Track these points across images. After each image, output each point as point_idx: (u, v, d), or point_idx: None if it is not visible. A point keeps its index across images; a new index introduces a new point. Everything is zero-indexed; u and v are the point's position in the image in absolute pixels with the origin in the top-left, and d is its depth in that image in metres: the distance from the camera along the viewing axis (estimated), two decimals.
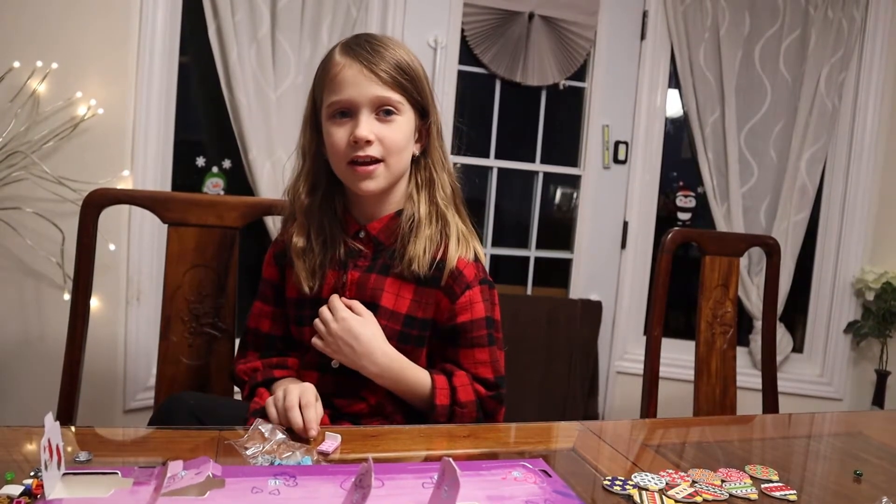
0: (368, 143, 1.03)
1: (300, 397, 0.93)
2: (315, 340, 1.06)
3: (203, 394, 1.15)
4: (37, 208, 1.97)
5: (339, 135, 1.05)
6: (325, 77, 1.06)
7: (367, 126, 1.03)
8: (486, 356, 1.09)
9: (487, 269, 2.70)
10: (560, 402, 2.67)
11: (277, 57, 2.27)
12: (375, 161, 1.05)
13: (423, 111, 1.10)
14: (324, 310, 1.05)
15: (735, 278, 1.69)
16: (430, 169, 1.11)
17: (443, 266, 1.07)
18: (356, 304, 1.06)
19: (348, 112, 1.05)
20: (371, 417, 1.10)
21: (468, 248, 1.10)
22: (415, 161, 1.12)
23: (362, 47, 1.04)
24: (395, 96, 1.05)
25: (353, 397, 1.09)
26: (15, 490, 0.68)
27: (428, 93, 1.10)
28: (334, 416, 1.10)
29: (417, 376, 1.07)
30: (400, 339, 1.08)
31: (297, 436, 0.91)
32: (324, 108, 1.07)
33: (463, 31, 2.56)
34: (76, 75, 2.01)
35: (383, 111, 1.05)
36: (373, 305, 1.08)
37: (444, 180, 1.12)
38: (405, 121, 1.07)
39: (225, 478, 0.74)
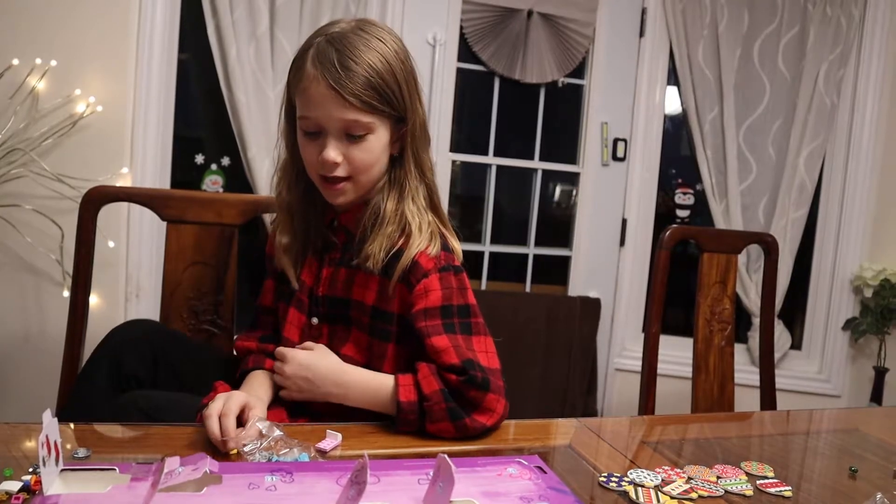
0: (336, 164, 1.03)
1: (224, 405, 0.89)
2: (282, 393, 1.07)
3: (161, 392, 1.13)
4: (36, 205, 1.97)
5: (308, 150, 1.05)
6: (296, 82, 1.04)
7: (334, 150, 1.02)
8: (445, 342, 1.00)
9: (486, 266, 2.70)
10: (559, 399, 2.68)
11: (276, 55, 2.27)
12: (344, 179, 1.05)
13: (400, 118, 1.06)
14: (276, 364, 1.07)
15: (733, 275, 1.69)
16: (405, 169, 1.09)
17: (400, 257, 1.04)
18: (308, 343, 1.08)
19: (317, 129, 1.03)
20: (336, 414, 1.07)
21: (435, 242, 1.06)
22: (391, 159, 1.10)
23: (331, 62, 0.99)
24: (365, 119, 1.01)
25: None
26: (13, 486, 0.69)
27: (406, 98, 1.05)
28: (295, 411, 1.09)
29: (381, 381, 1.02)
30: (371, 332, 1.08)
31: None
32: (297, 114, 1.06)
33: (462, 28, 2.56)
34: (75, 73, 2.01)
35: (353, 131, 1.02)
36: (345, 300, 1.09)
37: (418, 183, 1.10)
38: (376, 139, 1.04)
39: (222, 474, 0.74)
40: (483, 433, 0.98)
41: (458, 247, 1.12)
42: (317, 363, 1.04)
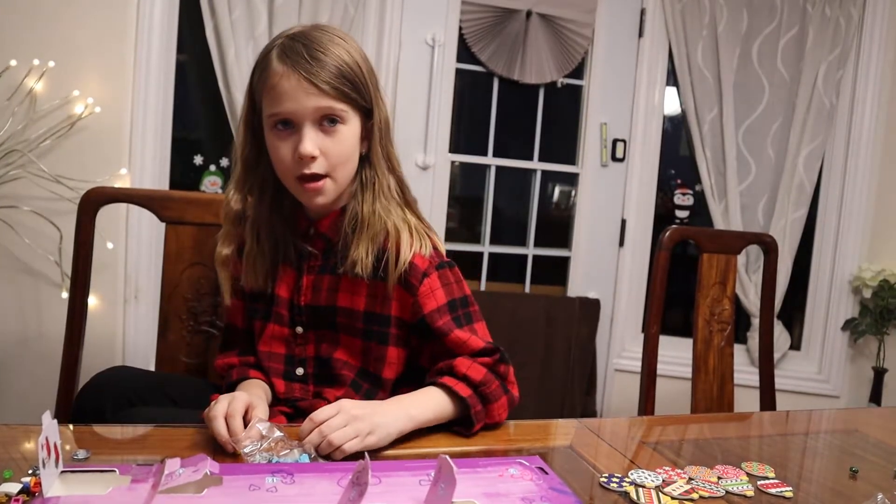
0: (313, 158, 1.01)
1: (229, 405, 0.88)
2: (347, 448, 0.86)
3: (163, 409, 1.12)
4: (34, 207, 1.97)
5: (282, 149, 1.02)
6: (262, 83, 1.03)
7: (311, 141, 1.00)
8: (465, 334, 1.05)
9: (485, 267, 2.70)
10: (558, 400, 2.68)
11: None
12: (322, 177, 1.03)
13: (368, 111, 1.07)
14: (319, 426, 0.87)
15: (732, 276, 1.69)
16: (374, 168, 1.08)
17: (395, 261, 1.04)
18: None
19: (290, 124, 1.02)
20: None
21: (425, 242, 1.07)
22: (360, 159, 1.09)
23: (300, 54, 0.99)
24: (339, 105, 1.01)
25: (318, 399, 1.08)
26: (13, 488, 0.68)
27: (372, 91, 1.06)
28: (295, 417, 1.08)
29: (429, 393, 1.00)
30: (365, 336, 1.07)
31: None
32: (265, 116, 1.04)
33: (461, 29, 2.56)
34: (73, 73, 2.01)
35: (327, 121, 1.02)
36: (331, 308, 1.08)
37: (389, 178, 1.10)
38: (349, 129, 1.04)
39: (222, 475, 0.74)
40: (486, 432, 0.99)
41: (441, 244, 1.13)
42: (355, 402, 0.91)
